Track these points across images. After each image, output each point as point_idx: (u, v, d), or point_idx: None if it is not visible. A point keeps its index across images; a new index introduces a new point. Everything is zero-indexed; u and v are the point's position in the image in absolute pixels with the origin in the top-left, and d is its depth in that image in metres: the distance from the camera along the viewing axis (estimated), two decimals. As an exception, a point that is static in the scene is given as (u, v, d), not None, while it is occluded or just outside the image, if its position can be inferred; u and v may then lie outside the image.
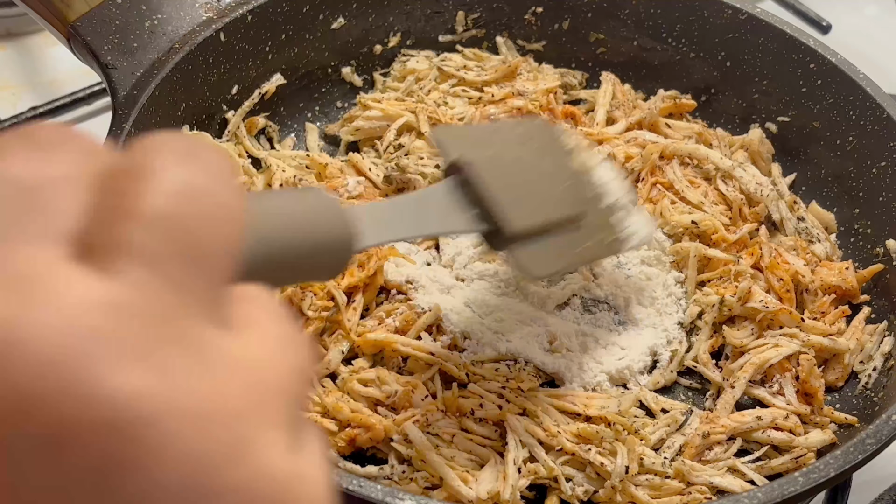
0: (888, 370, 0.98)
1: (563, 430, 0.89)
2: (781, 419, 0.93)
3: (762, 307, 0.98)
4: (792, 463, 0.91)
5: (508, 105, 1.18)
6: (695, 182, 1.13)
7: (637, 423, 0.92)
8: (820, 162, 1.15)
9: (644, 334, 1.00)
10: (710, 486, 0.89)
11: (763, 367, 0.96)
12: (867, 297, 1.04)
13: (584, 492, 0.87)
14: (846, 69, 1.11)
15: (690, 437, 0.92)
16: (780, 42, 1.16)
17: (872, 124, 1.08)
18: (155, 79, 1.01)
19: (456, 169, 0.79)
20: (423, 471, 0.87)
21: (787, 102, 1.17)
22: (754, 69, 1.19)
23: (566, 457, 0.88)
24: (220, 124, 1.12)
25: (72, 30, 1.02)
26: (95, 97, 1.32)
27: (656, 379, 0.98)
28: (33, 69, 1.39)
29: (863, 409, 0.96)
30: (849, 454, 0.80)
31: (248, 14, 1.09)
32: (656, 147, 1.13)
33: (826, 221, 1.12)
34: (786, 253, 1.05)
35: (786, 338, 0.97)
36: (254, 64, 1.13)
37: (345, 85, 1.23)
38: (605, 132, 1.17)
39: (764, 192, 1.10)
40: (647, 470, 0.88)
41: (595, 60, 1.26)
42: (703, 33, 1.21)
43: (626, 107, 1.20)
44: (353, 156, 1.12)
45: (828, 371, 0.99)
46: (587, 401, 0.92)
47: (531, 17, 1.26)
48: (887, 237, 1.05)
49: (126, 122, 0.96)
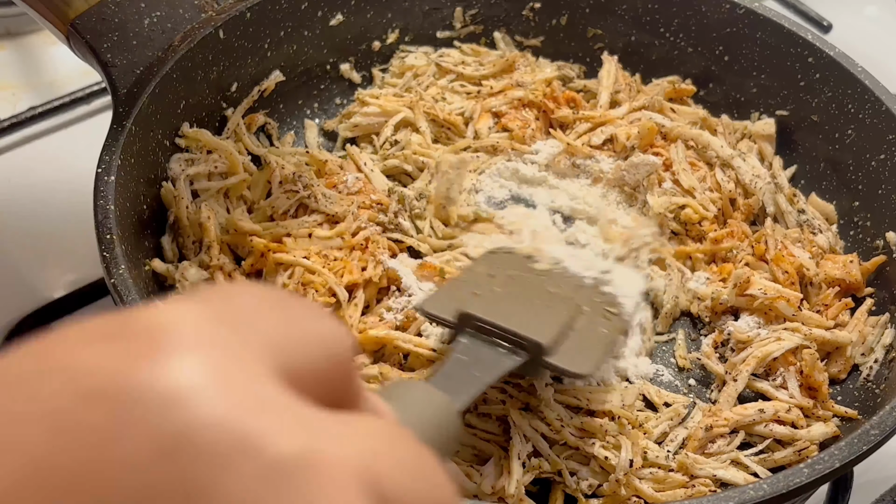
0: (889, 362, 0.98)
1: (567, 424, 0.89)
2: (784, 412, 0.93)
3: (760, 294, 0.99)
4: (795, 455, 0.91)
5: (508, 97, 1.19)
6: (696, 165, 1.13)
7: (640, 416, 0.92)
8: (819, 155, 1.15)
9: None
10: (714, 479, 0.89)
11: (766, 361, 0.96)
12: (871, 290, 1.05)
13: (589, 486, 0.87)
14: (844, 63, 1.11)
15: (693, 430, 0.92)
16: (779, 36, 1.16)
17: (871, 117, 1.08)
18: (155, 77, 1.00)
19: (462, 325, 0.82)
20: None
21: (785, 96, 1.17)
22: (753, 63, 1.19)
23: (570, 451, 0.88)
24: (220, 122, 1.12)
25: (71, 28, 1.02)
26: (95, 97, 1.32)
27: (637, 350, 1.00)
28: (33, 69, 1.39)
29: (864, 402, 0.96)
30: (853, 445, 0.80)
31: (247, 11, 1.09)
32: (651, 123, 1.14)
33: (826, 213, 1.12)
34: (791, 245, 1.05)
35: (788, 331, 0.97)
36: (253, 61, 1.13)
37: (343, 81, 1.24)
38: (609, 114, 1.17)
39: (759, 184, 1.11)
40: (651, 463, 0.89)
41: (593, 56, 1.26)
42: (701, 28, 1.21)
43: (630, 90, 1.20)
44: (350, 148, 1.12)
45: (830, 364, 1.00)
46: (590, 395, 0.92)
47: (529, 13, 1.26)
48: (887, 229, 1.05)
49: (127, 119, 0.96)
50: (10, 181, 1.24)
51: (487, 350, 0.80)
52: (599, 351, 0.87)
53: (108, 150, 0.93)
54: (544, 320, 0.85)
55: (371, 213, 1.03)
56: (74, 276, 1.14)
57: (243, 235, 0.99)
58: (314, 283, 0.95)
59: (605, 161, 1.14)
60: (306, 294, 0.94)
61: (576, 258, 0.98)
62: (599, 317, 0.91)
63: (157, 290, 0.96)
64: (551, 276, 0.95)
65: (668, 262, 1.06)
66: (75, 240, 1.13)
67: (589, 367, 0.85)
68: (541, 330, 0.82)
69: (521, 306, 0.88)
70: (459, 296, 0.87)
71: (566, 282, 0.95)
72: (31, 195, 1.22)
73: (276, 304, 0.37)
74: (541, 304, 0.90)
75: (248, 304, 0.36)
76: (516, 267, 0.96)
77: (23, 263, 1.16)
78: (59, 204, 1.19)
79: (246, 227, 1.00)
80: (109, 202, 0.90)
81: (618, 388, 0.95)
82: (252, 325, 0.35)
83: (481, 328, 0.82)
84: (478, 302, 0.85)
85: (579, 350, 0.85)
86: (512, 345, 0.81)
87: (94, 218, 0.89)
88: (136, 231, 0.95)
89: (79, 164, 0.98)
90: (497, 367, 0.79)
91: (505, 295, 0.89)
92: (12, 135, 1.28)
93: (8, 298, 1.11)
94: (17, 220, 1.20)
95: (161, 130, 1.02)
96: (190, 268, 0.97)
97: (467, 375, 0.76)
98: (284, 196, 1.03)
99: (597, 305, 0.93)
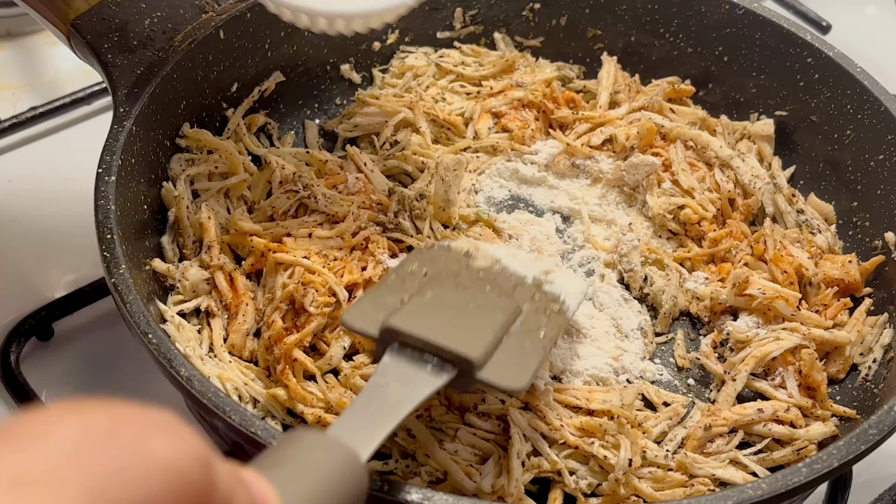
0: (888, 362, 0.98)
1: (567, 423, 0.89)
2: (783, 412, 0.93)
3: (759, 294, 0.99)
4: (793, 455, 0.91)
5: (508, 97, 1.19)
6: (695, 165, 1.13)
7: (639, 416, 0.92)
8: (818, 155, 1.16)
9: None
10: (713, 478, 0.89)
11: (764, 360, 0.96)
12: (870, 290, 1.05)
13: (588, 485, 0.87)
14: (844, 63, 1.11)
15: (692, 429, 0.92)
16: (778, 37, 1.16)
17: (870, 118, 1.09)
18: (155, 77, 1.01)
19: (386, 339, 0.78)
20: (426, 465, 0.87)
21: (784, 97, 1.17)
22: (752, 63, 1.19)
23: (569, 450, 0.88)
24: (220, 122, 1.12)
25: (72, 28, 1.02)
26: (95, 97, 1.32)
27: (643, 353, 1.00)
28: (33, 69, 1.39)
29: (863, 401, 0.97)
30: (851, 445, 0.81)
31: (247, 11, 1.10)
32: (650, 124, 1.14)
33: (825, 213, 1.12)
34: (790, 245, 1.05)
35: (787, 331, 0.98)
36: (253, 61, 1.14)
37: (343, 82, 1.24)
38: (608, 114, 1.18)
39: (758, 185, 1.11)
40: (650, 462, 0.89)
41: (592, 56, 1.26)
42: (701, 28, 1.21)
43: (630, 91, 1.21)
44: (350, 148, 1.12)
45: (829, 363, 1.00)
46: (589, 395, 0.92)
47: (529, 14, 1.27)
48: (886, 230, 1.06)
49: (127, 119, 0.96)
50: (11, 181, 1.24)
51: (411, 369, 0.76)
52: (534, 359, 0.81)
53: (108, 150, 0.94)
54: (476, 328, 0.81)
55: (371, 213, 1.04)
56: (74, 276, 1.14)
57: (243, 235, 1.00)
58: (314, 283, 0.95)
59: (604, 161, 1.14)
60: (306, 293, 0.94)
61: (515, 258, 0.94)
62: (540, 315, 0.87)
63: (157, 290, 0.96)
64: (489, 273, 0.91)
65: (667, 263, 1.06)
66: (75, 240, 1.13)
67: (522, 382, 0.78)
68: (471, 341, 0.77)
69: (451, 313, 0.83)
70: (386, 302, 0.83)
71: (506, 280, 0.91)
72: (31, 195, 1.22)
73: (98, 436, 0.37)
74: (474, 307, 0.85)
75: (60, 446, 0.36)
76: (452, 264, 0.91)
77: (23, 263, 1.16)
78: (60, 204, 1.19)
79: (246, 227, 1.00)
80: (110, 202, 0.90)
81: (617, 387, 0.95)
82: (60, 475, 0.35)
83: (406, 342, 0.77)
84: (404, 311, 0.81)
85: (512, 361, 0.80)
86: (440, 358, 0.76)
87: (94, 218, 0.89)
88: (136, 231, 0.95)
89: (79, 165, 0.99)
90: (420, 389, 0.74)
91: (435, 301, 0.84)
92: (13, 135, 1.28)
93: (8, 298, 1.11)
94: (17, 220, 1.20)
95: (161, 130, 1.02)
96: (190, 268, 0.97)
97: (383, 407, 0.71)
98: (284, 196, 1.03)
99: (537, 304, 0.89)
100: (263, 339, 0.94)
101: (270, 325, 0.93)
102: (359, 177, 1.08)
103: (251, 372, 0.93)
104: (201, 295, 0.97)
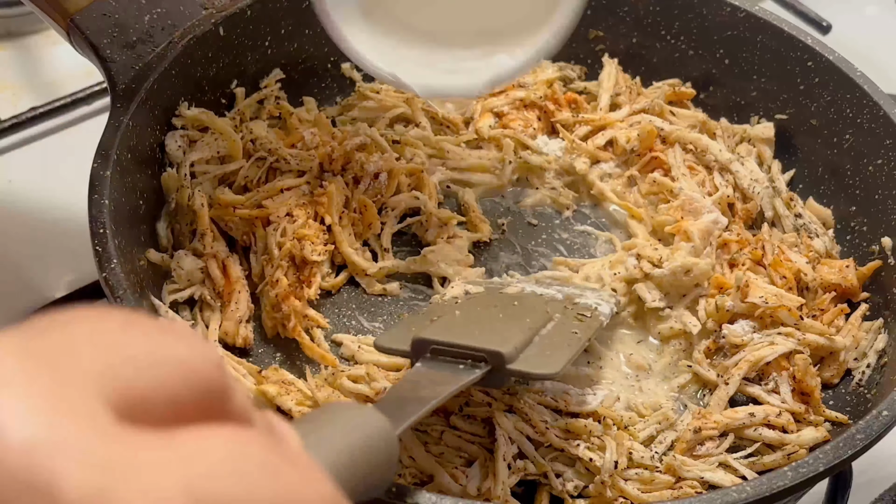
0: (881, 367, 0.98)
1: (552, 426, 0.89)
2: (774, 416, 0.93)
3: (762, 303, 0.98)
4: (784, 459, 0.91)
5: (510, 97, 1.19)
6: (694, 168, 1.13)
7: (626, 418, 0.92)
8: (817, 159, 1.15)
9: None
10: (701, 481, 0.89)
11: (758, 365, 0.96)
12: (867, 295, 1.04)
13: (575, 487, 0.87)
14: (844, 67, 1.11)
15: (682, 432, 0.92)
16: (779, 40, 1.16)
17: (869, 122, 1.08)
18: (154, 73, 1.01)
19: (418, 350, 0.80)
20: (410, 468, 0.87)
21: (784, 100, 1.17)
22: (752, 66, 1.19)
23: (555, 452, 0.88)
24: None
25: (72, 23, 1.03)
26: (95, 97, 1.32)
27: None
28: (33, 69, 1.40)
29: (856, 406, 0.96)
30: (838, 449, 0.80)
31: (247, 8, 1.10)
32: (651, 126, 1.14)
33: (823, 217, 1.12)
34: (788, 250, 1.05)
35: (782, 336, 0.97)
36: (253, 59, 1.14)
37: (344, 80, 1.24)
38: (609, 117, 1.17)
39: (757, 189, 1.11)
40: (637, 464, 0.88)
41: (594, 57, 1.26)
42: (702, 30, 1.21)
43: (630, 93, 1.20)
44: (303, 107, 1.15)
45: (823, 368, 0.99)
46: (567, 398, 0.92)
47: (531, 14, 1.26)
48: (883, 234, 1.05)
49: (124, 115, 0.97)
50: (11, 181, 1.25)
51: (443, 371, 0.78)
52: (568, 350, 0.84)
53: (104, 146, 0.94)
54: (506, 331, 0.83)
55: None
56: (74, 276, 1.14)
57: (227, 208, 1.00)
58: (308, 237, 0.97)
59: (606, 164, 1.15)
60: (304, 246, 0.96)
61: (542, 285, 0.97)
62: (571, 319, 0.89)
63: (152, 283, 0.96)
64: (521, 295, 0.94)
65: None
66: (75, 240, 1.13)
67: (554, 367, 0.81)
68: (501, 340, 0.80)
69: (481, 323, 0.86)
70: (417, 323, 0.85)
71: (536, 298, 0.94)
72: (31, 195, 1.23)
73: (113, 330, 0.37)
74: (504, 317, 0.88)
75: (75, 334, 0.36)
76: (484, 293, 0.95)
77: (23, 263, 1.16)
78: (60, 204, 1.19)
79: (228, 199, 1.01)
80: (104, 197, 0.90)
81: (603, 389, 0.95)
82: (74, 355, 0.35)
83: (438, 350, 0.79)
84: (434, 327, 0.83)
85: (544, 352, 0.82)
86: (471, 360, 0.78)
87: (87, 212, 0.89)
88: (131, 226, 0.95)
89: (79, 165, 0.99)
90: (452, 383, 0.76)
91: (464, 316, 0.87)
92: (13, 135, 1.28)
93: (8, 298, 1.12)
94: (17, 220, 1.20)
95: (158, 127, 1.03)
96: (185, 257, 0.98)
97: (416, 396, 0.73)
98: (255, 166, 1.04)
99: (569, 312, 0.91)
100: (270, 299, 0.96)
101: (276, 284, 0.95)
102: (313, 131, 1.08)
103: (242, 367, 0.94)
104: (196, 283, 0.98)
